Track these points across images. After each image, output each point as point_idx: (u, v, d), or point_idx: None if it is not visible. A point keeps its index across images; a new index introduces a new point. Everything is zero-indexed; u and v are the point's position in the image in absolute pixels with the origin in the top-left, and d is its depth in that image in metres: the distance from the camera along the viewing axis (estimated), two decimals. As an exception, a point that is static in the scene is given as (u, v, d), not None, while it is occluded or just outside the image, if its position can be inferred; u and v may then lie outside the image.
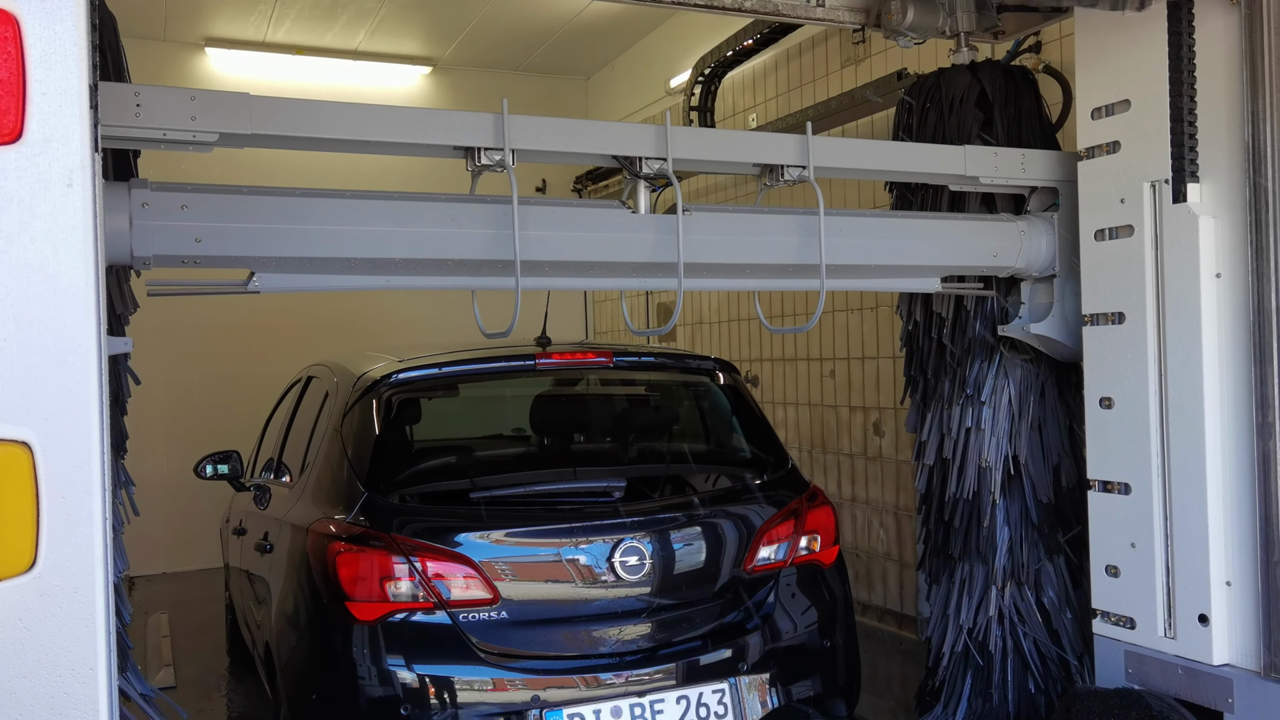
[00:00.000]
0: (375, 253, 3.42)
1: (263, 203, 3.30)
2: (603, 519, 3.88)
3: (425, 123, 3.42)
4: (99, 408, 2.11)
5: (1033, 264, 4.34)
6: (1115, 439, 3.98)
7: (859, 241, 4.04)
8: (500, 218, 3.52)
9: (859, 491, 7.32)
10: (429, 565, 3.64)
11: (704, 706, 3.80)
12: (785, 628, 4.04)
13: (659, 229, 3.74)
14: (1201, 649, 3.70)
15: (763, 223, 3.94)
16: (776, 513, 4.17)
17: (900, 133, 4.70)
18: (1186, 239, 3.72)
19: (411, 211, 3.46)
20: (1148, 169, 3.85)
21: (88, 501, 2.08)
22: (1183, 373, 3.75)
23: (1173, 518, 3.80)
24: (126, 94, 3.01)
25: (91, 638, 2.08)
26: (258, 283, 3.37)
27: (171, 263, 3.20)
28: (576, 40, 10.17)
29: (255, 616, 4.85)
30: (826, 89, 7.48)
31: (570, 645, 3.74)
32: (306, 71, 10.26)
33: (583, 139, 3.67)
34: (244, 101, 3.16)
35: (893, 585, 7.05)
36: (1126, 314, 3.93)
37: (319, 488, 4.22)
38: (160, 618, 7.93)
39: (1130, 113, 3.91)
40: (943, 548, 4.69)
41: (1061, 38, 5.57)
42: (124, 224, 3.03)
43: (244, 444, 6.22)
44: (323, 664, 3.78)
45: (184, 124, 3.08)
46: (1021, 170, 4.27)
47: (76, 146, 2.06)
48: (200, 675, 6.50)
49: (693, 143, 3.78)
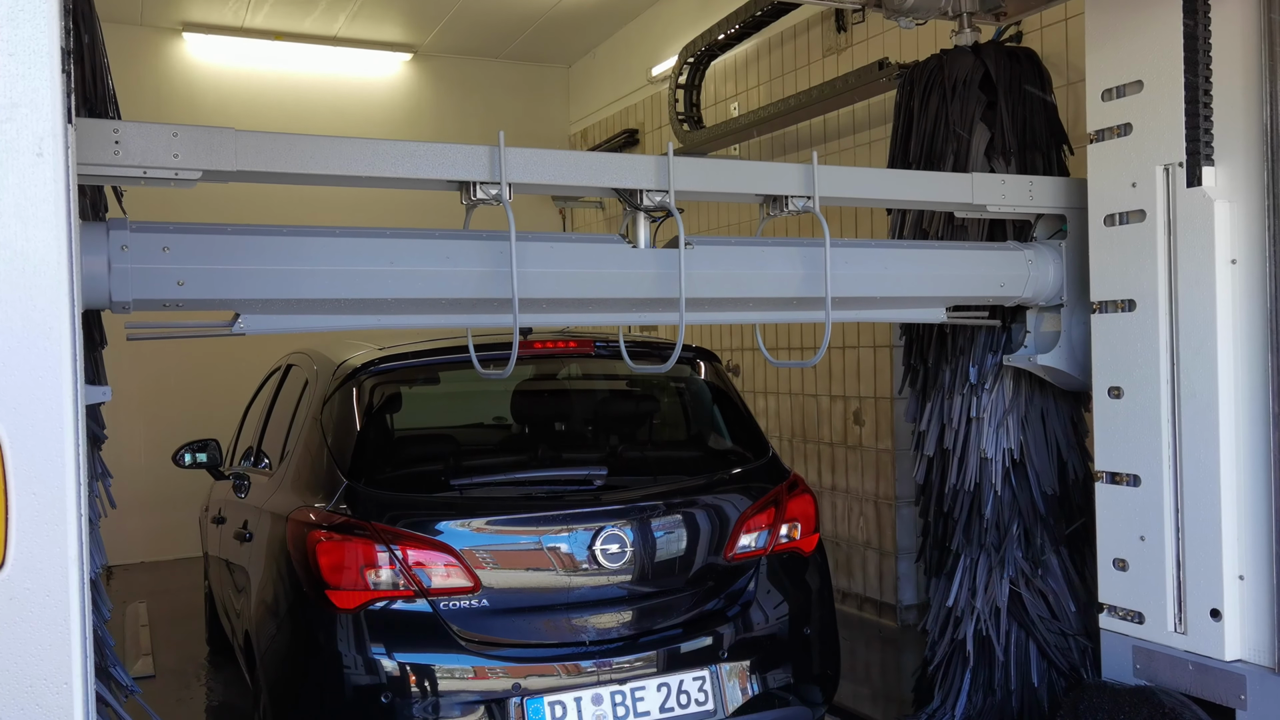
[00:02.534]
0: (367, 293, 3.21)
1: (249, 243, 3.08)
2: (584, 507, 3.84)
3: (417, 157, 3.19)
4: (73, 396, 1.91)
5: (1039, 294, 4.16)
6: (1124, 429, 3.81)
7: (865, 273, 3.86)
8: (496, 255, 3.32)
9: (839, 480, 7.25)
10: (409, 553, 3.58)
11: (684, 694, 3.76)
12: (765, 615, 3.99)
13: (660, 264, 3.53)
14: (1213, 644, 3.54)
15: (767, 255, 3.74)
16: (757, 501, 4.11)
17: (901, 116, 4.50)
18: (1201, 224, 3.54)
19: (404, 250, 3.24)
20: (1161, 152, 3.66)
21: (61, 497, 1.90)
22: (1196, 361, 3.57)
23: (1184, 510, 3.63)
24: (104, 131, 2.79)
25: (66, 644, 1.90)
26: (243, 324, 3.18)
27: (153, 306, 3.00)
28: (558, 27, 9.97)
29: (235, 605, 4.77)
30: (809, 78, 7.36)
31: (551, 633, 3.68)
32: (285, 57, 10.01)
33: (582, 172, 3.43)
34: (229, 137, 2.95)
35: (872, 573, 6.98)
36: (1137, 301, 3.74)
37: (299, 476, 4.14)
38: (139, 607, 7.83)
39: (1143, 94, 3.71)
40: (942, 540, 4.51)
41: (1043, 27, 5.45)
42: (102, 267, 2.82)
43: (223, 432, 6.14)
44: (303, 652, 3.71)
45: (166, 161, 2.86)
46: (1030, 198, 4.08)
47: (47, 113, 1.86)
48: (179, 664, 6.40)
49: (695, 174, 3.55)
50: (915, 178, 4.04)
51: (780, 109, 7.09)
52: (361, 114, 10.34)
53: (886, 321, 4.41)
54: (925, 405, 4.52)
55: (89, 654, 2.03)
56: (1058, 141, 4.40)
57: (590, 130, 10.69)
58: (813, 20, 7.36)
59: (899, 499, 6.75)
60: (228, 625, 5.22)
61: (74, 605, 1.91)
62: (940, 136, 4.31)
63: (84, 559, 1.99)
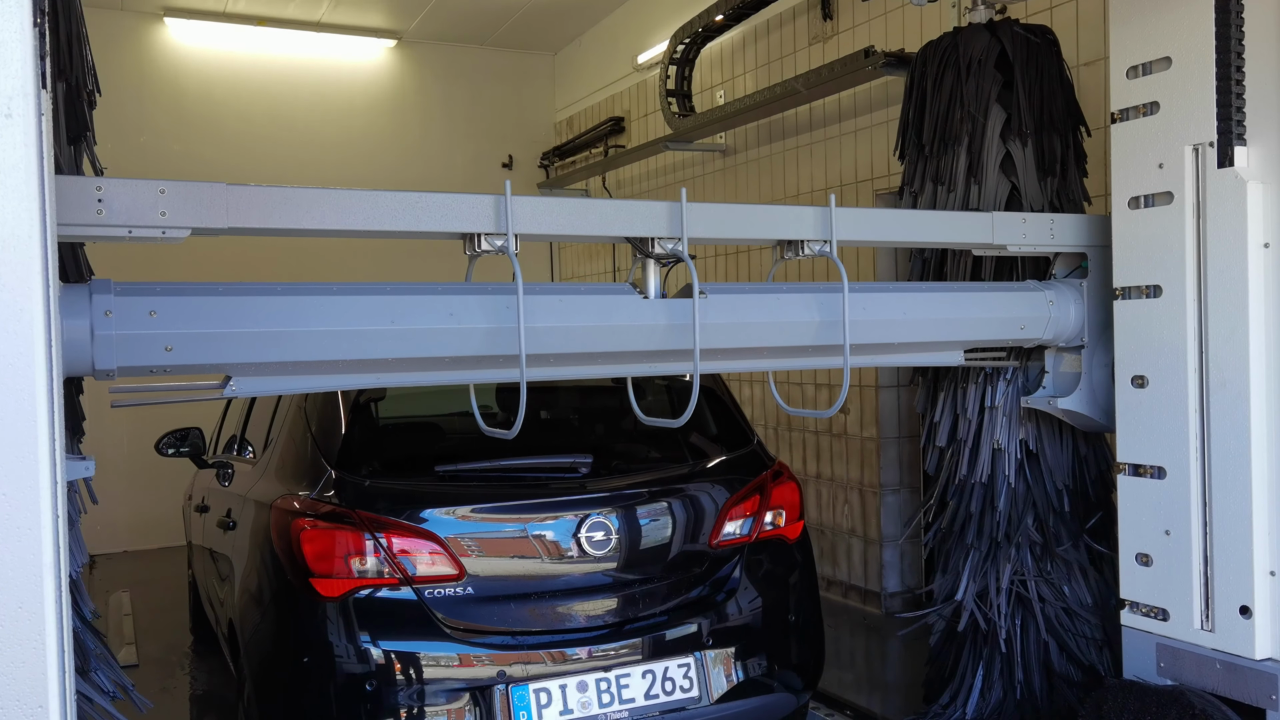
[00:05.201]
0: (367, 353, 3.02)
1: (240, 305, 2.87)
2: (569, 495, 3.80)
3: (419, 208, 2.99)
4: (47, 388, 1.74)
5: (1060, 335, 3.98)
6: (1149, 420, 3.61)
7: (883, 319, 3.70)
8: (502, 310, 3.11)
9: (824, 468, 7.21)
10: (394, 541, 3.54)
11: (669, 681, 3.74)
12: (750, 602, 3.96)
13: (672, 315, 3.33)
14: (1243, 642, 3.35)
15: (783, 303, 3.56)
16: (742, 489, 4.07)
17: (913, 96, 4.31)
18: (1233, 206, 3.34)
19: (405, 307, 3.04)
20: (1190, 131, 3.45)
21: (33, 501, 1.73)
22: (1226, 349, 3.37)
23: (1212, 503, 3.43)
24: (86, 189, 2.59)
25: (40, 662, 1.72)
26: (235, 387, 3.00)
27: (139, 373, 2.82)
28: (543, 14, 9.78)
29: (218, 594, 4.70)
30: (795, 66, 7.29)
31: (536, 621, 3.65)
32: (268, 43, 9.78)
33: (591, 220, 3.23)
34: (219, 193, 2.75)
35: (857, 561, 6.93)
36: (1164, 287, 3.55)
37: (283, 464, 4.09)
38: (122, 596, 7.73)
39: (1171, 71, 3.49)
40: (954, 532, 4.36)
41: (1052, 6, 5.28)
42: (84, 334, 2.64)
43: (206, 421, 6.06)
44: (287, 640, 3.66)
45: (152, 220, 2.67)
46: (1050, 236, 3.91)
47: (17, 69, 1.70)
48: (163, 653, 6.31)
49: (708, 220, 3.36)
50: (934, 218, 3.88)
51: (767, 96, 7.04)
52: (345, 101, 10.13)
53: (903, 365, 4.28)
54: (938, 395, 4.35)
55: (67, 672, 1.85)
56: (1075, 122, 4.22)
57: (576, 118, 10.52)
58: (799, 8, 7.26)
59: (884, 487, 6.70)
60: (211, 614, 5.15)
61: (49, 621, 1.72)
62: (955, 117, 4.14)
63: (61, 566, 1.79)
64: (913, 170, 4.35)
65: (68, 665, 1.87)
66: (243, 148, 9.73)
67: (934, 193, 4.24)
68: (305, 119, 10.01)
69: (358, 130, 10.22)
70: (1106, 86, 3.87)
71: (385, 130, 10.34)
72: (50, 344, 1.80)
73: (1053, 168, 4.15)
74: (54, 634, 1.75)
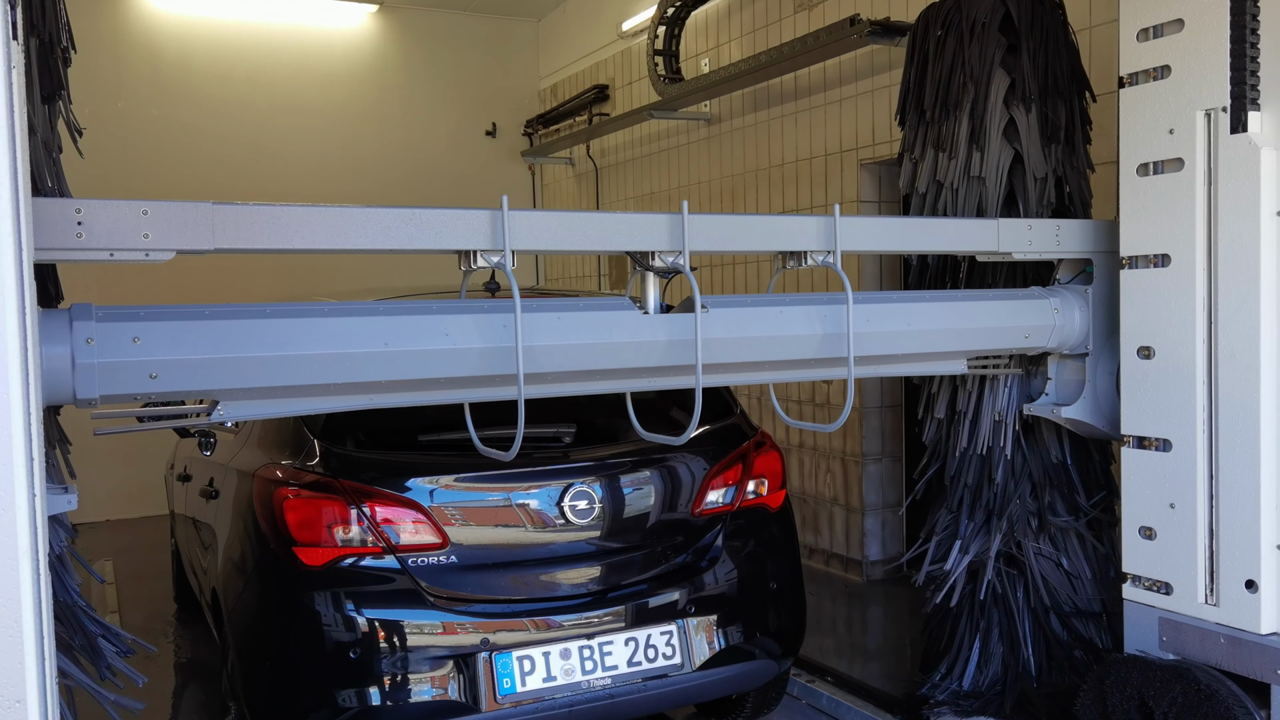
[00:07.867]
0: (360, 376, 2.89)
1: (228, 329, 2.73)
2: (552, 464, 3.78)
3: (413, 225, 2.88)
4: (22, 391, 1.61)
5: (1064, 343, 3.89)
6: (1154, 391, 3.51)
7: (888, 331, 3.61)
8: (499, 329, 2.99)
9: (806, 438, 7.16)
10: (377, 510, 3.52)
11: (652, 648, 3.75)
12: (732, 570, 3.96)
13: (672, 330, 3.20)
14: (1248, 617, 3.26)
15: (786, 316, 3.45)
16: (724, 458, 4.06)
17: (914, 59, 4.18)
18: (1245, 173, 3.21)
19: (399, 328, 2.92)
20: (1202, 96, 3.31)
21: (10, 540, 1.61)
22: (1236, 319, 3.27)
23: (1218, 476, 3.33)
24: (66, 211, 2.45)
25: (18, 649, 1.65)
26: (223, 412, 2.86)
27: (122, 400, 2.68)
28: (527, -20, 9.63)
29: (201, 563, 4.65)
30: (780, 34, 7.21)
31: (519, 589, 3.64)
32: (248, 7, 9.53)
33: (590, 235, 3.10)
34: (204, 213, 2.62)
35: (839, 529, 6.91)
36: (1172, 255, 3.43)
37: (265, 433, 4.04)
38: (105, 565, 7.64)
39: (1183, 33, 3.35)
40: (951, 504, 4.28)
41: None
42: (65, 362, 2.50)
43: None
44: (271, 609, 3.66)
45: (135, 243, 2.54)
46: (1056, 243, 3.81)
47: None
48: (146, 622, 6.24)
49: (710, 232, 3.25)
50: (938, 225, 3.79)
51: (752, 65, 6.97)
52: (326, 67, 9.88)
53: (906, 375, 4.21)
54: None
55: (48, 655, 1.76)
56: (1080, 88, 4.11)
57: (560, 85, 10.33)
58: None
59: (866, 456, 6.68)
60: (195, 583, 5.10)
61: (26, 603, 1.63)
62: (957, 82, 4.02)
63: (39, 546, 1.69)
64: (913, 136, 4.23)
65: (48, 653, 1.79)
66: (222, 113, 9.53)
67: (935, 159, 4.13)
68: (286, 85, 9.81)
69: (339, 97, 10.03)
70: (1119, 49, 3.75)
71: (367, 97, 10.15)
72: (27, 374, 1.69)
73: (1057, 134, 4.05)
74: (31, 621, 1.66)
